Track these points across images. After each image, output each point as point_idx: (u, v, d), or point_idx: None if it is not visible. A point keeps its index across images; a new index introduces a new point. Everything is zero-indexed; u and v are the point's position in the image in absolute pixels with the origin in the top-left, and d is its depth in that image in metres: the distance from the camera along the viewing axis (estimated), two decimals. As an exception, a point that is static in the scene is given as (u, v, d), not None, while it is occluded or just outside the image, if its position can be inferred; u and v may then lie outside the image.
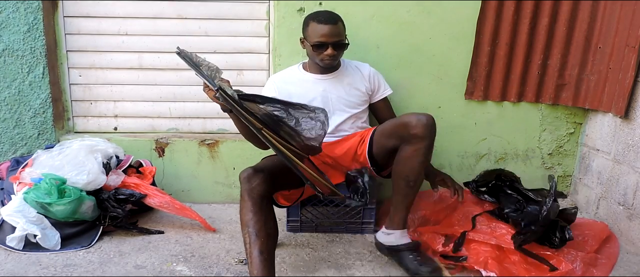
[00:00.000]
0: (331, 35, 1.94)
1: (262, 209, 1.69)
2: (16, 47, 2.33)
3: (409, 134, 1.78)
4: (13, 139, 2.44)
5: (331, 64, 2.02)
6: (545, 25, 2.36)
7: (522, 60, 2.41)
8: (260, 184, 1.69)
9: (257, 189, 1.69)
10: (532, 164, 2.60)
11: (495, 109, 2.52)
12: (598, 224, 2.23)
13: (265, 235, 1.67)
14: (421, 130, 1.76)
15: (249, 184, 1.69)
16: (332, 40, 1.94)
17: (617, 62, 2.22)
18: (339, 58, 2.05)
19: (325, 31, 1.93)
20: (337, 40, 1.96)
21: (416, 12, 2.37)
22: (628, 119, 2.19)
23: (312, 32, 1.96)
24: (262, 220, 1.68)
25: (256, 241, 1.64)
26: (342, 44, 2.00)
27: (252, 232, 1.65)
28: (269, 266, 1.65)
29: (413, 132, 1.77)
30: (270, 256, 1.67)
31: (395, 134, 1.86)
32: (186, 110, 2.56)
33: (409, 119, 1.78)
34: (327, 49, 1.95)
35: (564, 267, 1.80)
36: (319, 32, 1.94)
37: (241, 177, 1.72)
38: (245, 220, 1.68)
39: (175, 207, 2.15)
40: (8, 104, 2.39)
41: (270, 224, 1.71)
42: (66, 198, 1.95)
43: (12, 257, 1.89)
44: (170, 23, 2.44)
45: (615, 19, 2.24)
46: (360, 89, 2.13)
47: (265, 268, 1.62)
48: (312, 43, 1.97)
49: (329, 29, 1.93)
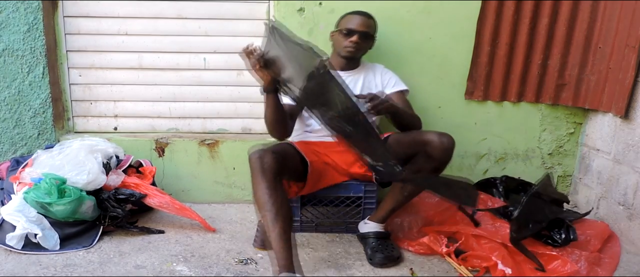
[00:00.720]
0: (362, 24, 2.06)
1: (277, 188, 1.70)
2: (16, 47, 2.33)
3: (426, 152, 1.81)
4: (13, 139, 2.44)
5: (353, 52, 2.07)
6: (545, 25, 2.36)
7: (522, 60, 2.41)
8: (273, 162, 1.69)
9: (271, 167, 1.69)
10: (532, 164, 2.60)
11: (495, 109, 2.52)
12: (599, 223, 2.23)
13: (284, 216, 1.68)
14: (439, 154, 1.80)
15: (261, 163, 1.69)
16: (361, 29, 2.05)
17: (617, 62, 2.22)
18: (361, 49, 2.11)
19: (358, 20, 2.06)
20: (366, 31, 2.06)
21: (416, 12, 2.37)
22: (628, 119, 2.19)
23: (346, 20, 2.09)
24: (279, 200, 1.68)
25: (276, 223, 1.65)
26: (369, 35, 2.09)
27: (269, 215, 1.66)
28: (290, 246, 1.67)
29: (431, 152, 1.79)
30: (289, 237, 1.68)
31: (412, 147, 1.88)
32: (186, 110, 2.56)
33: (431, 138, 1.80)
34: (354, 35, 2.03)
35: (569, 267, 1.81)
36: (352, 20, 2.07)
37: (252, 158, 1.71)
38: (262, 202, 1.68)
39: (175, 207, 2.15)
40: (8, 104, 2.39)
41: (286, 205, 1.72)
42: (66, 198, 1.95)
43: (12, 257, 1.89)
44: (170, 23, 2.44)
45: (615, 19, 2.24)
46: (375, 88, 2.17)
47: (287, 249, 1.65)
48: (343, 28, 2.06)
49: (361, 19, 2.07)
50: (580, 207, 2.53)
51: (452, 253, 1.94)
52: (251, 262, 1.90)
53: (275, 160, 1.70)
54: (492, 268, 1.84)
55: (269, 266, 1.88)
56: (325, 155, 2.08)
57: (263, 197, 1.68)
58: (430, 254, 2.00)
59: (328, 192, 2.10)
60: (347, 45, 2.05)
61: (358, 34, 2.03)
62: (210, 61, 2.49)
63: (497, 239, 1.93)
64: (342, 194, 2.12)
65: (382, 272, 1.87)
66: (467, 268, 1.86)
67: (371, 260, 1.91)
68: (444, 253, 1.95)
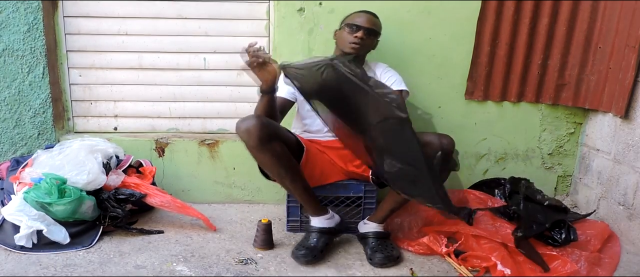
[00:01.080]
0: (367, 21, 2.07)
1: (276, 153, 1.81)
2: (16, 47, 2.33)
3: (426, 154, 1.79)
4: (13, 139, 2.44)
5: (356, 49, 2.05)
6: (545, 25, 2.36)
7: (522, 60, 2.41)
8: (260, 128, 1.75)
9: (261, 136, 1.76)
10: (532, 164, 2.60)
11: (495, 109, 2.52)
12: (599, 223, 2.23)
13: (294, 170, 1.89)
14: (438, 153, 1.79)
15: (248, 136, 1.77)
16: (366, 25, 2.05)
17: (617, 62, 2.22)
18: (366, 47, 2.10)
19: (363, 17, 2.08)
20: (370, 27, 2.06)
21: (416, 12, 2.37)
22: (628, 119, 2.19)
23: (351, 18, 2.10)
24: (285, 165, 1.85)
25: (294, 182, 1.90)
26: (374, 31, 2.09)
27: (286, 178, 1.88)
28: (313, 194, 1.98)
29: (431, 154, 1.78)
30: (308, 185, 1.96)
31: None
32: (186, 110, 2.56)
33: (431, 139, 1.79)
34: (359, 30, 2.03)
35: (569, 267, 1.81)
36: (358, 16, 2.08)
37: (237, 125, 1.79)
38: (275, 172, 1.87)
39: (176, 206, 2.15)
40: (8, 104, 2.39)
41: (293, 162, 1.89)
42: (66, 198, 1.95)
43: (12, 257, 1.89)
44: (170, 23, 2.44)
45: (615, 19, 2.24)
46: None
47: (314, 197, 1.97)
48: (348, 23, 2.07)
49: (367, 17, 2.08)
50: (580, 207, 2.53)
51: (452, 253, 1.94)
52: (251, 262, 1.90)
53: (261, 126, 1.76)
54: (492, 268, 1.84)
55: (269, 266, 1.88)
56: (323, 152, 2.10)
57: (273, 169, 1.86)
58: (430, 254, 2.00)
59: (328, 192, 2.11)
60: (352, 41, 2.04)
61: (364, 29, 2.03)
62: (210, 61, 2.49)
63: (497, 239, 1.93)
64: (342, 194, 2.12)
65: (382, 272, 1.87)
66: (467, 268, 1.86)
67: (371, 260, 1.91)
68: (444, 253, 1.95)
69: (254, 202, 2.53)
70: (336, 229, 2.03)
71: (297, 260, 1.90)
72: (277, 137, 1.84)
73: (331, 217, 2.01)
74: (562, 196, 2.64)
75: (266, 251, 2.00)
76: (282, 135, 1.90)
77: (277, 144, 1.83)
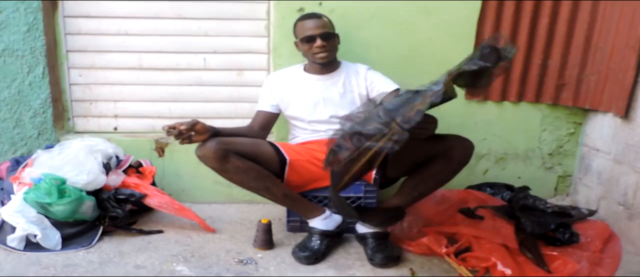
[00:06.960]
0: (317, 27, 2.02)
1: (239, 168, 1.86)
2: (16, 47, 2.33)
3: (446, 153, 1.79)
4: (13, 139, 2.44)
5: (324, 57, 2.03)
6: (545, 25, 2.36)
7: (522, 60, 2.41)
8: (214, 150, 1.82)
9: (218, 157, 1.82)
10: (532, 164, 2.60)
11: (495, 109, 2.52)
12: (599, 223, 2.22)
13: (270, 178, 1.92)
14: (461, 155, 1.80)
15: (206, 159, 1.86)
16: (318, 32, 2.01)
17: (617, 62, 2.22)
18: (330, 51, 2.06)
19: (311, 25, 2.03)
20: (324, 32, 2.02)
21: (416, 12, 2.37)
22: (628, 119, 2.19)
23: (300, 29, 2.07)
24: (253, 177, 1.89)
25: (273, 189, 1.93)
26: (330, 34, 2.04)
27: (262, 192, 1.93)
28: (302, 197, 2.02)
29: (451, 152, 1.78)
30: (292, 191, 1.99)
31: (431, 148, 1.82)
32: (186, 110, 2.55)
33: (453, 144, 1.79)
34: (316, 40, 2.01)
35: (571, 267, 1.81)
36: (306, 26, 2.04)
37: (200, 158, 1.87)
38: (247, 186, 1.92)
39: (175, 208, 2.15)
40: (8, 104, 2.39)
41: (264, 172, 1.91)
42: (66, 198, 1.95)
43: (12, 257, 1.89)
44: (170, 23, 2.44)
45: (615, 19, 2.23)
46: (357, 90, 2.13)
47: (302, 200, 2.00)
48: (302, 38, 2.04)
49: (314, 22, 2.03)
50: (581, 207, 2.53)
51: (452, 253, 1.94)
52: (251, 262, 1.90)
53: (214, 144, 1.82)
54: (492, 268, 1.83)
55: (269, 266, 1.88)
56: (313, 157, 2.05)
57: (230, 177, 1.89)
58: (430, 254, 2.00)
59: (327, 193, 2.10)
60: (316, 53, 2.02)
61: (318, 36, 2.00)
62: (210, 61, 2.49)
63: (497, 239, 1.92)
64: (342, 194, 2.11)
65: (382, 272, 1.87)
66: (467, 268, 1.86)
67: (371, 260, 1.91)
68: (444, 253, 1.95)
69: (254, 202, 2.52)
70: (339, 233, 2.03)
71: (299, 260, 1.90)
72: (235, 153, 1.85)
73: (329, 216, 2.01)
74: (562, 196, 2.64)
75: (266, 251, 2.00)
76: (244, 150, 1.89)
77: (236, 159, 1.85)
